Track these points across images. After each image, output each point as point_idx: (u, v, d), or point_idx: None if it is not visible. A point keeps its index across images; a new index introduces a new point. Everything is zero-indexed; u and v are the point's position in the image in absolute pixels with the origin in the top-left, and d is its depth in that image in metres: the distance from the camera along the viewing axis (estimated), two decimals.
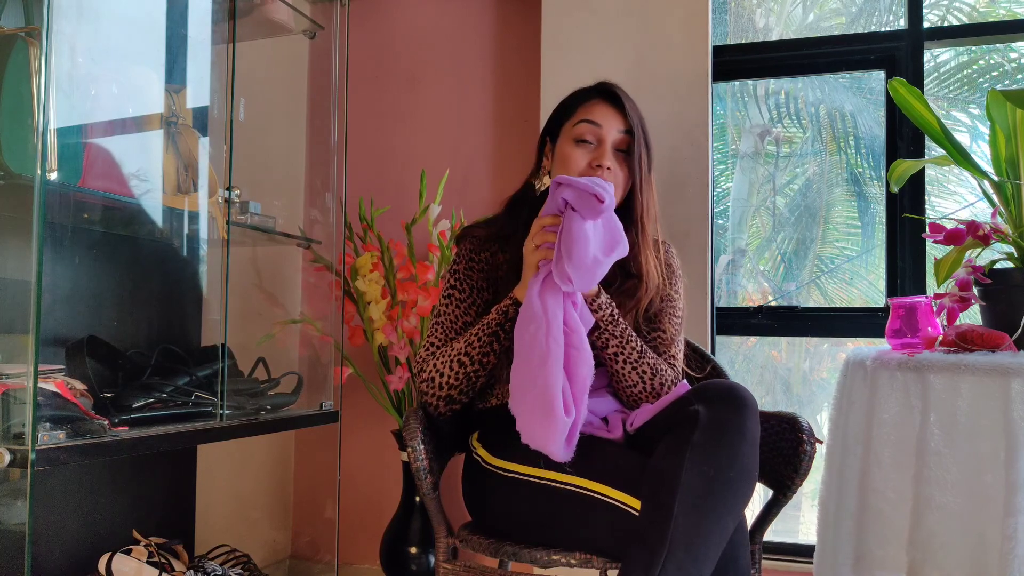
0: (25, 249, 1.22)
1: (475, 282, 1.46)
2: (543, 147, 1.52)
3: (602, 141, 1.42)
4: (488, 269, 1.47)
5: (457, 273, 1.47)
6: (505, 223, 1.50)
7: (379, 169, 2.40)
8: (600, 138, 1.42)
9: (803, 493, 2.19)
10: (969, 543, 1.31)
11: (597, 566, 1.28)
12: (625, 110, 1.43)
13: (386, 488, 2.31)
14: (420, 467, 1.36)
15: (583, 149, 1.42)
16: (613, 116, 1.43)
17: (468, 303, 1.45)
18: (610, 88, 1.46)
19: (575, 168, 1.41)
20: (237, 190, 1.70)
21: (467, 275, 1.47)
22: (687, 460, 1.14)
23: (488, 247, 1.48)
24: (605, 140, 1.42)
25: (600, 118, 1.42)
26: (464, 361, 1.37)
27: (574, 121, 1.44)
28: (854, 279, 2.31)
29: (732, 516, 1.15)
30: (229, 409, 1.61)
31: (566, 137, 1.45)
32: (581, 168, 1.41)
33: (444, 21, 2.39)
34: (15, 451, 1.15)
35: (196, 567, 1.67)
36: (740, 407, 1.18)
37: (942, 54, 2.18)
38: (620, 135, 1.42)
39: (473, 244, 1.49)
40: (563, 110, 1.49)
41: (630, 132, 1.42)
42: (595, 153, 1.42)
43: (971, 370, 1.33)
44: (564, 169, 1.42)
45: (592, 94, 1.47)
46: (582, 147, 1.42)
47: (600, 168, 1.40)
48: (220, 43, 1.74)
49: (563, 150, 1.44)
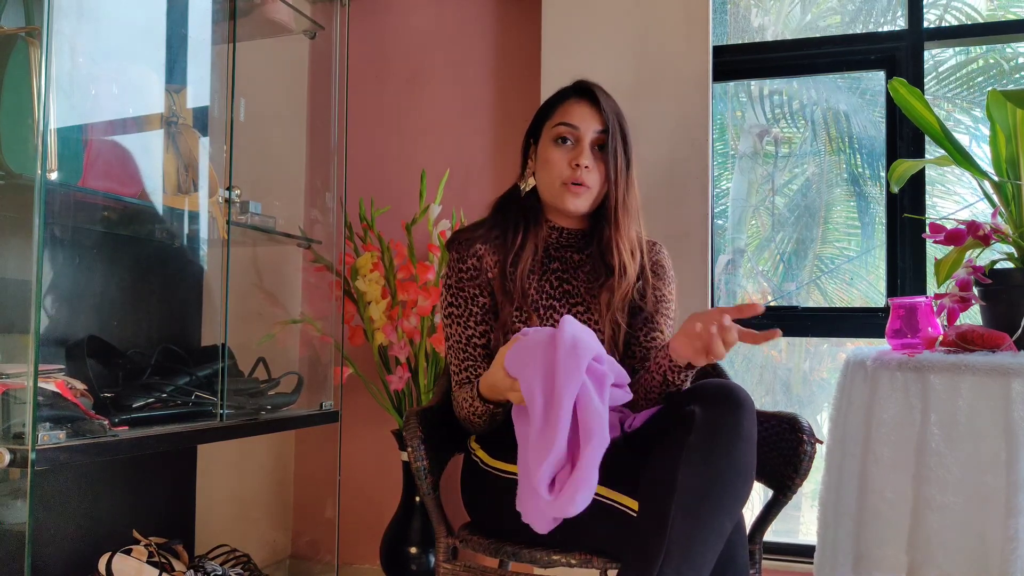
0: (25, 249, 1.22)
1: (467, 293, 1.48)
2: (527, 149, 1.55)
3: (580, 140, 1.45)
4: (477, 275, 1.49)
5: (450, 288, 1.50)
6: (492, 225, 1.52)
7: (379, 169, 2.40)
8: (578, 138, 1.45)
9: (803, 493, 2.19)
10: (970, 544, 1.31)
11: (597, 566, 1.28)
12: (601, 107, 1.46)
13: (386, 488, 2.31)
14: (420, 467, 1.36)
15: (562, 150, 1.46)
16: (590, 115, 1.46)
17: (466, 316, 1.47)
18: (586, 86, 1.49)
19: (556, 168, 1.45)
20: (237, 190, 1.70)
21: (458, 288, 1.49)
22: (683, 462, 1.14)
23: (475, 252, 1.50)
24: (583, 139, 1.45)
25: (578, 120, 1.45)
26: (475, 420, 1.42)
27: (553, 123, 1.48)
28: (854, 279, 2.31)
29: (729, 517, 1.14)
30: (229, 409, 1.61)
31: (546, 138, 1.48)
32: (561, 168, 1.45)
33: (444, 21, 2.38)
34: (15, 451, 1.15)
35: (196, 567, 1.67)
36: (736, 407, 1.18)
37: (941, 54, 2.18)
38: (597, 134, 1.46)
39: (460, 253, 1.51)
40: (543, 111, 1.52)
41: (606, 130, 1.45)
42: (573, 152, 1.45)
43: (971, 370, 1.33)
44: (547, 171, 1.46)
45: (569, 93, 1.50)
46: (561, 147, 1.46)
47: (579, 167, 1.43)
48: (220, 43, 1.74)
49: (544, 152, 1.48)
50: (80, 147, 1.45)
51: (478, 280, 1.48)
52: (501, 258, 1.47)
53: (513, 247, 1.47)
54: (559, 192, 1.45)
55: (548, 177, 1.46)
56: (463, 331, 1.46)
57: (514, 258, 1.46)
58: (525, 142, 1.55)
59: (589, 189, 1.45)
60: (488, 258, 1.49)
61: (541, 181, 1.49)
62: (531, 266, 1.47)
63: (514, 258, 1.46)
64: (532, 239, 1.48)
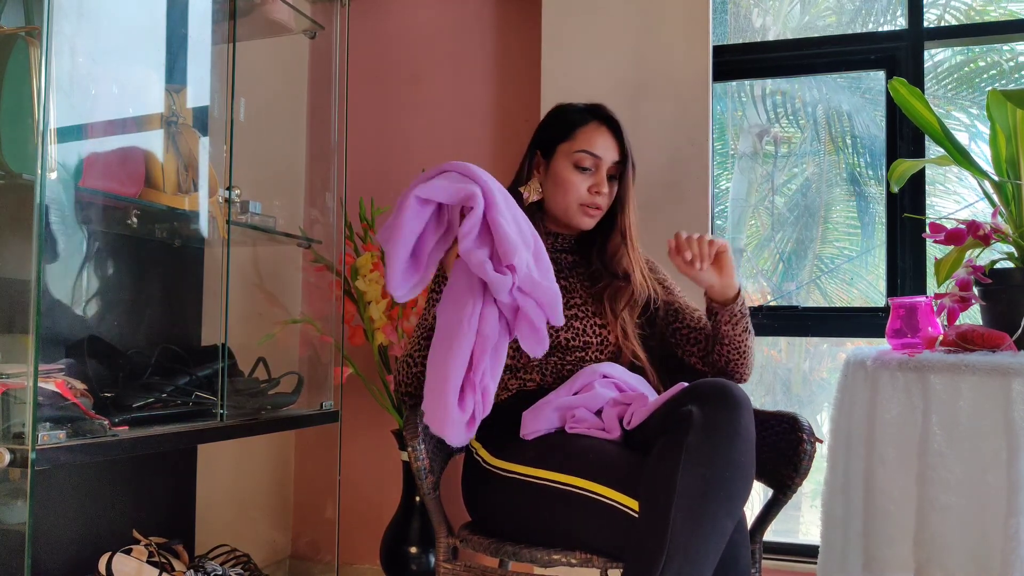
0: (25, 249, 1.22)
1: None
2: (533, 157, 1.58)
3: (599, 169, 1.52)
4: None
5: (437, 277, 1.53)
6: None
7: (380, 169, 2.40)
8: (598, 166, 1.52)
9: (803, 493, 2.19)
10: (972, 543, 1.31)
11: (597, 566, 1.28)
12: (622, 138, 1.53)
13: (386, 488, 2.31)
14: (420, 467, 1.36)
15: (583, 176, 1.52)
16: (612, 146, 1.53)
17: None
18: (607, 113, 1.55)
19: (575, 192, 1.51)
20: (237, 190, 1.70)
21: (444, 279, 1.51)
22: (682, 463, 1.14)
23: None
24: (602, 168, 1.52)
25: (601, 150, 1.52)
26: (410, 363, 1.47)
27: (573, 147, 1.52)
28: (854, 279, 2.31)
29: (730, 516, 1.14)
30: (229, 409, 1.61)
31: (564, 160, 1.53)
32: (580, 193, 1.51)
33: (444, 20, 2.38)
34: (15, 451, 1.15)
35: (196, 567, 1.67)
36: (733, 405, 1.18)
37: (939, 53, 2.18)
38: (614, 164, 1.53)
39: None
40: (559, 130, 1.55)
41: (624, 162, 1.53)
42: (594, 179, 1.52)
43: (972, 370, 1.33)
44: (563, 191, 1.52)
45: (588, 118, 1.54)
46: (582, 174, 1.52)
47: (599, 195, 1.51)
48: (220, 43, 1.74)
49: (562, 172, 1.52)
50: (80, 147, 1.45)
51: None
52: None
53: None
54: (575, 212, 1.52)
55: (563, 197, 1.52)
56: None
57: None
58: (531, 151, 1.58)
59: (601, 211, 1.54)
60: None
61: (553, 198, 1.54)
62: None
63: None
64: None
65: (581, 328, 1.48)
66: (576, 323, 1.48)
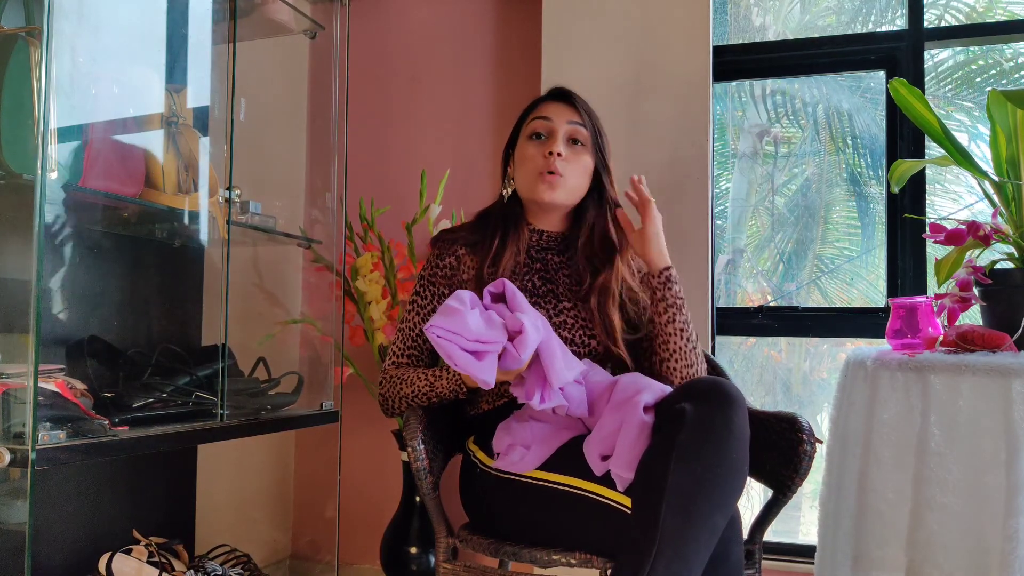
0: (25, 249, 1.22)
1: (436, 289, 1.52)
2: (507, 158, 1.58)
3: (553, 133, 1.48)
4: (452, 274, 1.52)
5: (423, 280, 1.54)
6: (472, 229, 1.56)
7: (380, 169, 2.40)
8: (552, 130, 1.49)
9: (803, 493, 2.19)
10: (969, 544, 1.31)
11: (597, 566, 1.28)
12: (575, 103, 1.50)
13: (386, 488, 2.31)
14: (420, 467, 1.36)
15: (536, 144, 1.49)
16: (563, 109, 1.50)
17: (428, 311, 1.52)
18: (560, 89, 1.54)
19: (531, 163, 1.48)
20: (237, 190, 1.70)
21: (431, 282, 1.53)
22: (673, 460, 1.14)
23: (455, 252, 1.53)
24: (556, 131, 1.48)
25: (551, 112, 1.49)
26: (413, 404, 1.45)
27: (527, 121, 1.52)
28: (854, 279, 2.31)
29: (722, 514, 1.14)
30: (229, 409, 1.61)
31: (522, 138, 1.53)
32: (536, 161, 1.47)
33: (445, 21, 2.38)
34: (15, 451, 1.15)
35: (196, 567, 1.67)
36: (726, 403, 1.18)
37: (940, 53, 2.18)
38: (571, 125, 1.49)
39: (440, 249, 1.54)
40: (519, 119, 1.57)
41: (581, 123, 1.49)
42: (547, 143, 1.48)
43: (972, 370, 1.33)
44: (523, 168, 1.49)
45: (544, 97, 1.56)
46: (535, 142, 1.50)
47: (552, 154, 1.45)
48: (220, 43, 1.74)
49: (520, 151, 1.52)
50: (80, 147, 1.45)
51: (451, 280, 1.52)
52: (479, 261, 1.49)
53: (490, 251, 1.49)
54: (535, 184, 1.47)
55: (525, 173, 1.49)
56: (419, 321, 1.51)
57: (492, 260, 1.48)
58: (505, 154, 1.59)
59: (563, 178, 1.47)
60: (467, 259, 1.52)
61: (520, 181, 1.52)
62: (513, 267, 1.48)
63: (492, 260, 1.48)
64: (512, 243, 1.50)
65: (570, 338, 1.45)
66: (564, 332, 1.45)
